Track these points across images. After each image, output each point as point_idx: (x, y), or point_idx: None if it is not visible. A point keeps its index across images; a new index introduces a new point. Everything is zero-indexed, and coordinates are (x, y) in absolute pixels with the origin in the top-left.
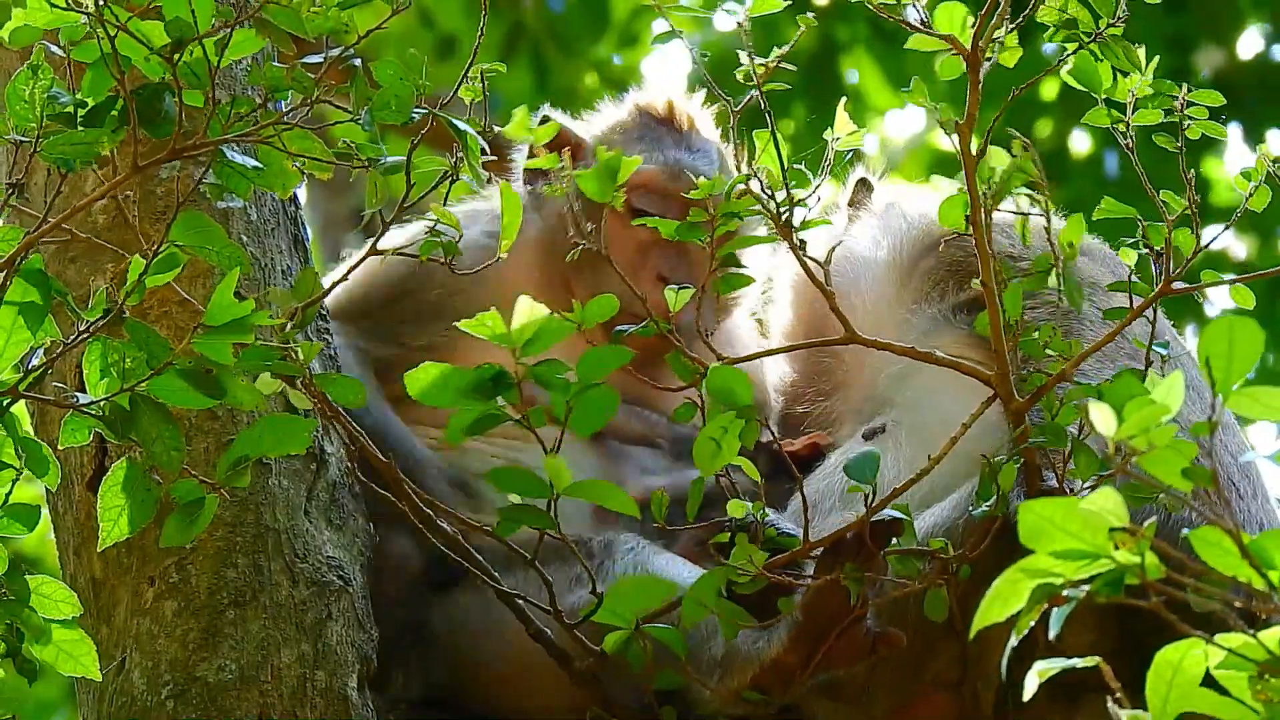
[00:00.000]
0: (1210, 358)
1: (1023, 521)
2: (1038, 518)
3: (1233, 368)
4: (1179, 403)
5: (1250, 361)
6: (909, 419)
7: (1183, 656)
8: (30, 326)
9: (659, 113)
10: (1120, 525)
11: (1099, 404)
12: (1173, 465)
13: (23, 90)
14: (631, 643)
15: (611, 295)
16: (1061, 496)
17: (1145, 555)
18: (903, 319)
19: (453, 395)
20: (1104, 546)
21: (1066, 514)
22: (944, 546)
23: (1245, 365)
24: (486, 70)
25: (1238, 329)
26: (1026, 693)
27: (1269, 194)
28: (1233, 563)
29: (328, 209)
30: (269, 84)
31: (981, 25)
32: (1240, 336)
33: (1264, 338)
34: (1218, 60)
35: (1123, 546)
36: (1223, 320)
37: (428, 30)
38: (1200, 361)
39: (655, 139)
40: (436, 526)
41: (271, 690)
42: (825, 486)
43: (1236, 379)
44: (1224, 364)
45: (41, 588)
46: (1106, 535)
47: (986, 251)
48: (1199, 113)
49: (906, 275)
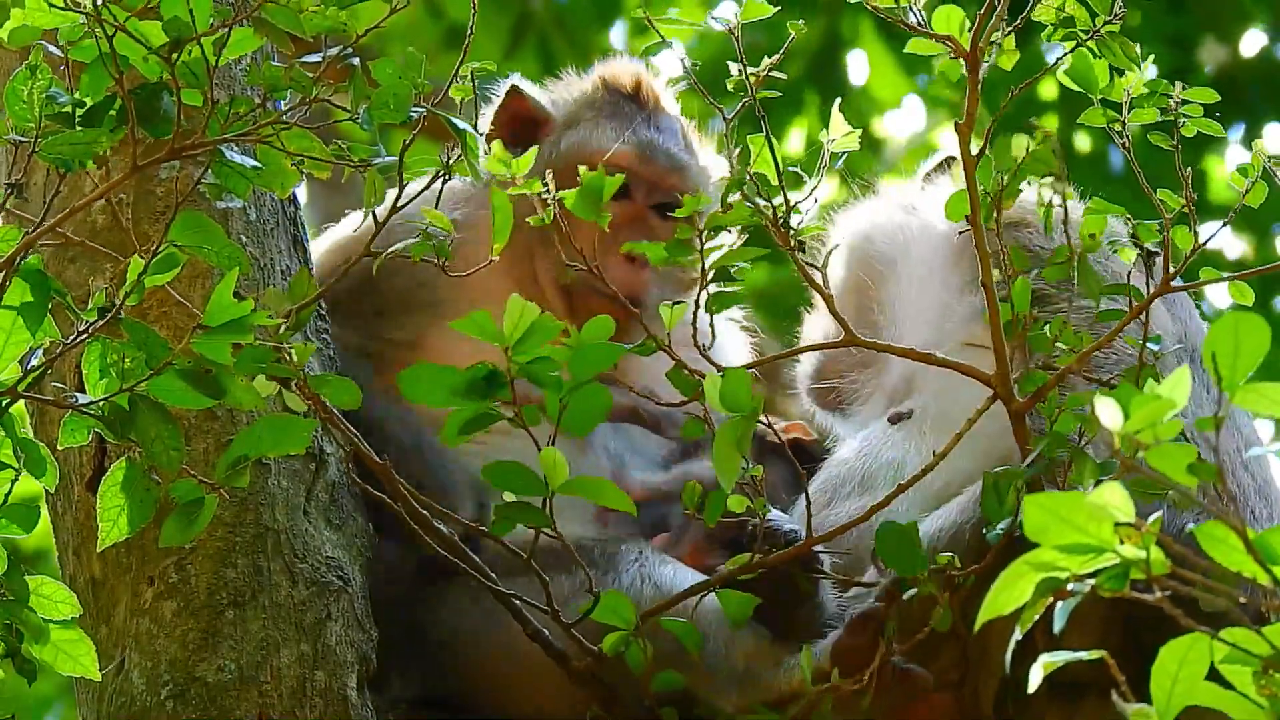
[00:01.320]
0: (1216, 354)
1: (1028, 515)
2: (1043, 512)
3: (1238, 363)
4: (1185, 398)
5: (1256, 357)
6: (936, 407)
7: (1187, 651)
8: (29, 327)
9: (626, 89)
10: (1126, 520)
11: (1105, 399)
12: (1178, 460)
13: (21, 90)
14: (631, 643)
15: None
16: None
17: (1150, 550)
18: (945, 302)
19: (445, 395)
20: (1109, 541)
21: (1072, 508)
22: (950, 560)
23: (1251, 361)
24: (478, 69)
25: (1243, 325)
26: (1031, 685)
27: (1265, 190)
28: (1238, 558)
29: (328, 208)
30: (268, 83)
31: (980, 26)
32: (1246, 332)
33: (1269, 334)
34: (1220, 58)
35: (1128, 541)
36: (1229, 316)
37: (436, 21)
38: (1206, 357)
39: (624, 117)
40: (433, 528)
41: (271, 690)
42: (845, 472)
43: (1242, 375)
44: (1230, 360)
45: (41, 588)
46: (1112, 530)
47: (986, 252)
48: (1194, 110)
49: (959, 255)
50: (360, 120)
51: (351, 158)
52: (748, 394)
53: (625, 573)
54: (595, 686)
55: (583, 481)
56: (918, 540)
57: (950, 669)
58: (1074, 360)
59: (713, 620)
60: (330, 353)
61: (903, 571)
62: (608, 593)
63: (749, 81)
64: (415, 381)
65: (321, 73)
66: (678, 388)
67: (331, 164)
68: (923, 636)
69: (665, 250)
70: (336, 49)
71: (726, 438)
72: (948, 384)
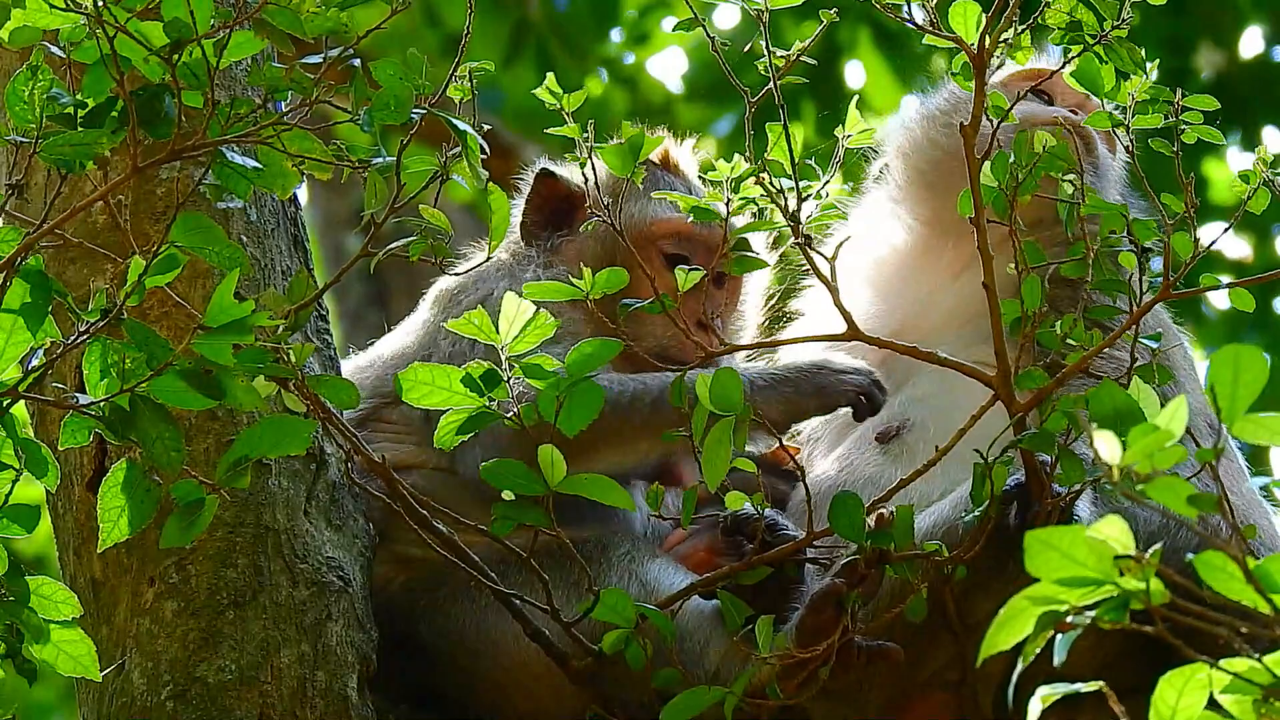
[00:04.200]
0: (1216, 385)
1: (1029, 549)
2: (1043, 545)
3: (1238, 395)
4: (1182, 428)
5: (1255, 389)
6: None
7: (1187, 681)
8: (30, 327)
9: (655, 160)
10: (1125, 552)
11: (1103, 432)
12: (1178, 492)
13: (22, 91)
14: (630, 642)
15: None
16: (1054, 501)
17: (1150, 581)
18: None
19: (442, 395)
20: (1110, 573)
21: (1073, 541)
22: (938, 549)
23: (1251, 393)
24: (475, 69)
25: (1243, 357)
26: (1030, 717)
27: (1268, 196)
28: (1238, 588)
29: (328, 209)
30: (268, 84)
31: (988, 27)
32: (1246, 365)
33: (1267, 366)
34: (1218, 61)
35: (1128, 573)
36: (1229, 349)
37: (433, 29)
38: (1206, 390)
39: (666, 186)
40: (433, 527)
41: (271, 691)
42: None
43: (1242, 406)
44: (1229, 391)
45: (41, 588)
46: (1112, 562)
47: (989, 254)
48: (1194, 117)
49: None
50: (361, 121)
51: (351, 159)
52: (739, 394)
53: (615, 568)
54: (594, 686)
55: (583, 480)
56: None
57: (948, 668)
58: (1073, 364)
59: (691, 621)
60: (330, 353)
61: (846, 537)
62: (607, 590)
63: (774, 67)
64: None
65: (322, 74)
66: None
67: (332, 165)
68: (891, 618)
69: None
70: (337, 50)
71: (717, 437)
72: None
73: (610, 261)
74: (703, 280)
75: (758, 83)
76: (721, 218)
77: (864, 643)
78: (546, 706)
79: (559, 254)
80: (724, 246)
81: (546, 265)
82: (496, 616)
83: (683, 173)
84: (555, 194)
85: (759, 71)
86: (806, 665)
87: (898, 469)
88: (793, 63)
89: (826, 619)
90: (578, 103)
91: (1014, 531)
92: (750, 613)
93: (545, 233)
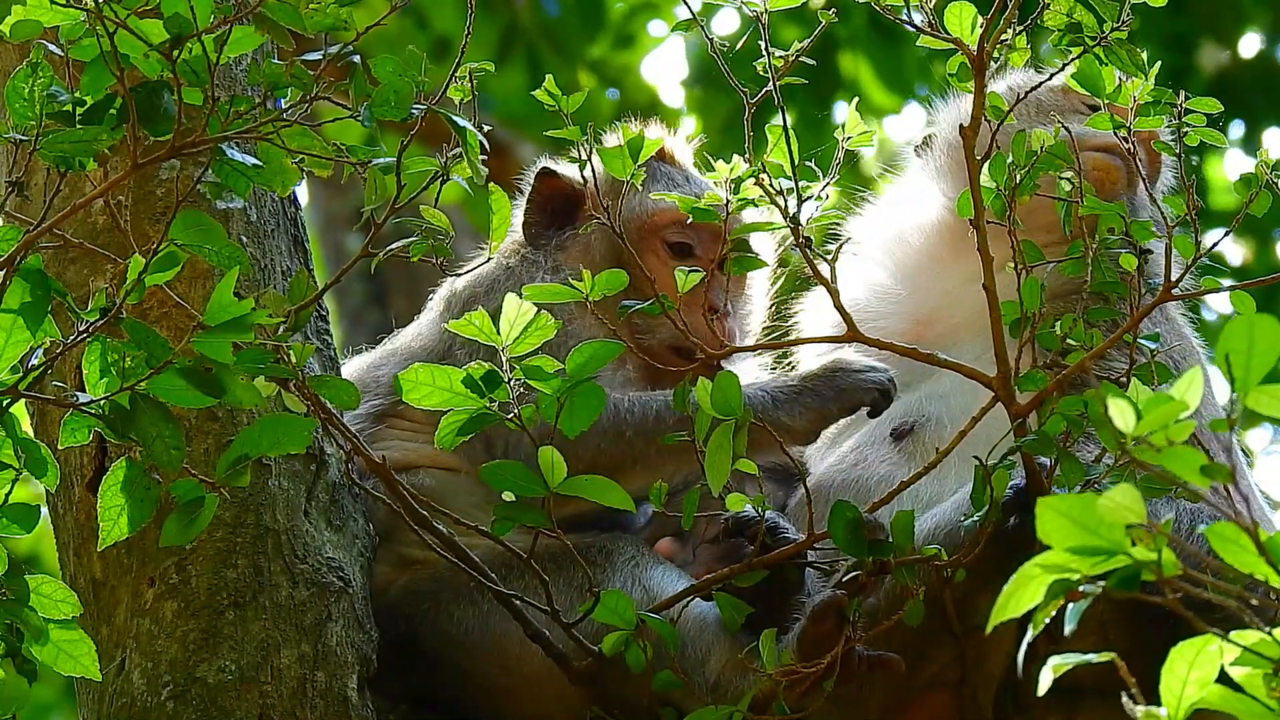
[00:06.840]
0: (1230, 355)
1: (1041, 517)
2: (1055, 514)
3: (1253, 365)
4: (1197, 399)
5: (1270, 360)
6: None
7: (1198, 653)
8: (30, 327)
9: (653, 154)
10: (1137, 521)
11: (1117, 400)
12: (1191, 462)
13: (22, 88)
14: (631, 644)
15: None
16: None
17: (1162, 551)
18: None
19: (443, 395)
20: (1121, 543)
21: (1084, 510)
22: (937, 553)
23: (1265, 363)
24: (475, 69)
25: (1258, 327)
26: (1040, 688)
27: (1270, 199)
28: (1250, 560)
29: (328, 208)
30: (268, 81)
31: (987, 28)
32: (1261, 335)
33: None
34: (1219, 60)
35: (1139, 543)
36: (1243, 319)
37: (423, 32)
38: (1219, 359)
39: (667, 179)
40: (433, 528)
41: (271, 691)
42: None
43: (1257, 377)
44: (1243, 361)
45: (41, 588)
46: (1123, 532)
47: (988, 255)
48: (1197, 119)
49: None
50: (361, 118)
51: (350, 157)
52: (739, 398)
53: (619, 572)
54: (595, 687)
55: (583, 481)
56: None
57: (948, 669)
58: (1073, 366)
59: (693, 629)
60: (330, 353)
61: (845, 550)
62: (608, 592)
63: (772, 67)
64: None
65: (321, 71)
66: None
67: (332, 162)
68: (889, 625)
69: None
70: (336, 48)
71: (718, 442)
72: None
73: (617, 256)
74: (707, 266)
75: (751, 81)
76: (720, 217)
77: (866, 652)
78: (547, 708)
79: (565, 253)
80: (725, 233)
81: (554, 270)
82: (498, 618)
83: (679, 162)
84: (557, 192)
85: (757, 71)
86: (809, 676)
87: (912, 467)
88: (792, 63)
89: (828, 630)
90: (577, 104)
91: (1014, 533)
92: (750, 611)
93: (549, 232)
